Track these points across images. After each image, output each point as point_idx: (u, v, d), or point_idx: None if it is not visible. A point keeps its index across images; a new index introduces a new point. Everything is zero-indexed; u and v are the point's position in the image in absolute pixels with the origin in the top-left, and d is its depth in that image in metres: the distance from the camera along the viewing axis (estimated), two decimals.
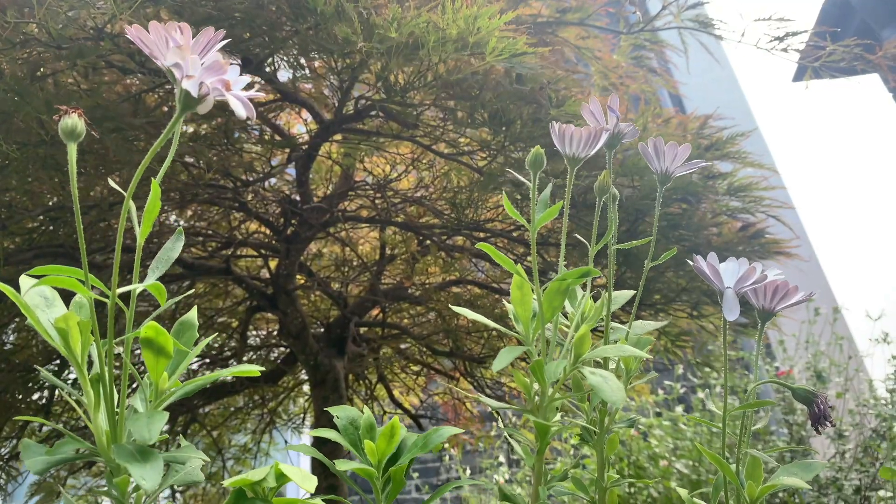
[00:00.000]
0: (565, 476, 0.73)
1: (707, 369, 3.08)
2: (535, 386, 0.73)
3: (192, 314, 0.74)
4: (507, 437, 0.73)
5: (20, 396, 2.07)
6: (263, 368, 0.67)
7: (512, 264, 0.71)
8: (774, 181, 1.89)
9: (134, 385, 2.00)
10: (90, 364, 0.65)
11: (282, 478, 0.73)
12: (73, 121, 0.60)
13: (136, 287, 0.61)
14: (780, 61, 1.78)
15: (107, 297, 0.60)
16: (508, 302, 0.76)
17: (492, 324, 0.74)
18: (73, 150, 0.60)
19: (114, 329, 0.61)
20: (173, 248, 0.67)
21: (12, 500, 3.14)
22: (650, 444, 2.90)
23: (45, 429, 2.46)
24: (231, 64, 0.60)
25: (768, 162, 1.88)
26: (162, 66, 0.57)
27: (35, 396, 2.19)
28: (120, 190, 0.62)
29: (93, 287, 0.62)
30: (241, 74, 0.60)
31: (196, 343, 0.73)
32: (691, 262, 0.76)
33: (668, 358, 2.51)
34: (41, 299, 0.66)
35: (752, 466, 0.72)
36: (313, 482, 0.71)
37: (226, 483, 0.72)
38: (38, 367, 0.66)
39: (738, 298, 0.71)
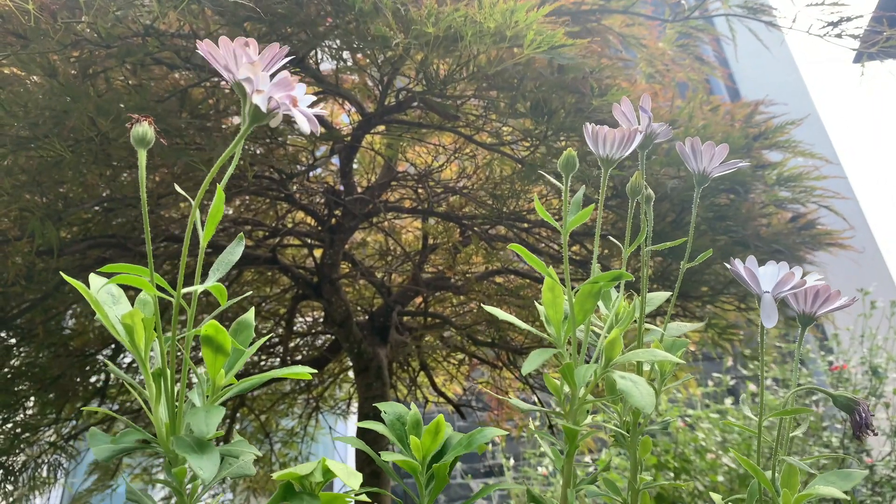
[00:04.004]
0: (594, 480, 0.73)
1: (756, 362, 3.01)
2: (566, 389, 0.72)
3: (250, 315, 0.76)
4: (539, 438, 0.73)
5: (78, 380, 2.16)
6: (315, 371, 0.69)
7: (543, 266, 0.71)
8: (829, 170, 1.83)
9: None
10: (152, 358, 0.68)
11: (328, 473, 0.75)
12: (144, 128, 0.63)
13: (198, 288, 0.63)
14: (840, 42, 1.71)
15: (170, 295, 0.63)
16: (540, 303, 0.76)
17: (524, 325, 0.74)
18: (142, 156, 0.62)
19: (177, 327, 0.64)
20: (233, 251, 0.69)
21: (73, 476, 3.29)
22: (696, 436, 2.86)
23: (102, 409, 2.56)
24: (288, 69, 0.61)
25: (827, 146, 1.82)
26: (231, 81, 0.59)
27: (92, 379, 2.29)
28: (186, 196, 0.64)
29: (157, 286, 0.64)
30: (284, 67, 0.61)
31: (252, 343, 0.76)
32: (739, 255, 0.74)
33: (717, 351, 2.46)
34: (108, 296, 0.69)
35: (788, 474, 0.70)
36: (358, 479, 0.72)
37: (274, 476, 0.74)
38: (106, 362, 0.69)
39: (776, 303, 0.69)
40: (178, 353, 0.68)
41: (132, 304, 0.70)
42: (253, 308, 0.76)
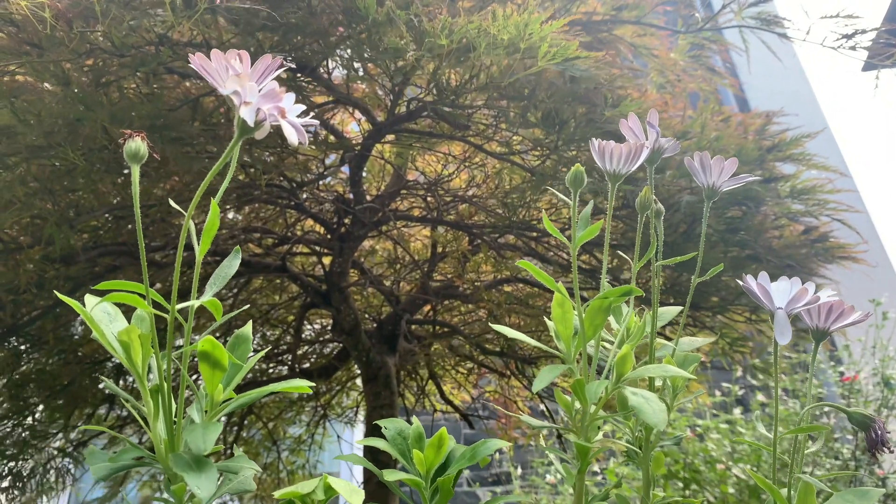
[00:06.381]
0: (606, 496, 0.73)
1: (765, 374, 2.99)
2: (577, 405, 0.72)
3: (247, 329, 0.76)
4: (549, 454, 0.72)
5: (87, 385, 2.17)
6: (314, 384, 0.68)
7: (552, 282, 0.70)
8: (842, 182, 1.81)
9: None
10: (150, 374, 0.67)
11: (330, 490, 0.75)
12: (137, 144, 0.62)
13: (194, 303, 0.63)
14: (854, 54, 1.70)
15: (166, 311, 0.63)
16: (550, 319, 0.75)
17: (533, 342, 0.74)
18: (136, 172, 0.62)
19: (172, 342, 0.63)
20: (230, 265, 0.69)
21: (82, 482, 3.29)
22: (706, 446, 2.84)
23: (111, 415, 2.57)
24: (287, 69, 0.61)
25: (836, 156, 1.81)
26: (222, 93, 0.59)
27: (101, 385, 2.29)
28: (180, 210, 0.64)
29: (153, 301, 0.64)
30: (296, 77, 0.61)
31: (250, 356, 0.75)
32: (751, 267, 0.74)
33: (727, 361, 2.45)
34: (104, 314, 0.69)
35: (805, 492, 0.69)
36: (360, 496, 0.72)
37: (276, 494, 0.73)
38: (104, 379, 0.69)
39: (789, 319, 0.69)
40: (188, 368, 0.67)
41: (131, 317, 0.69)
42: (250, 322, 0.76)
